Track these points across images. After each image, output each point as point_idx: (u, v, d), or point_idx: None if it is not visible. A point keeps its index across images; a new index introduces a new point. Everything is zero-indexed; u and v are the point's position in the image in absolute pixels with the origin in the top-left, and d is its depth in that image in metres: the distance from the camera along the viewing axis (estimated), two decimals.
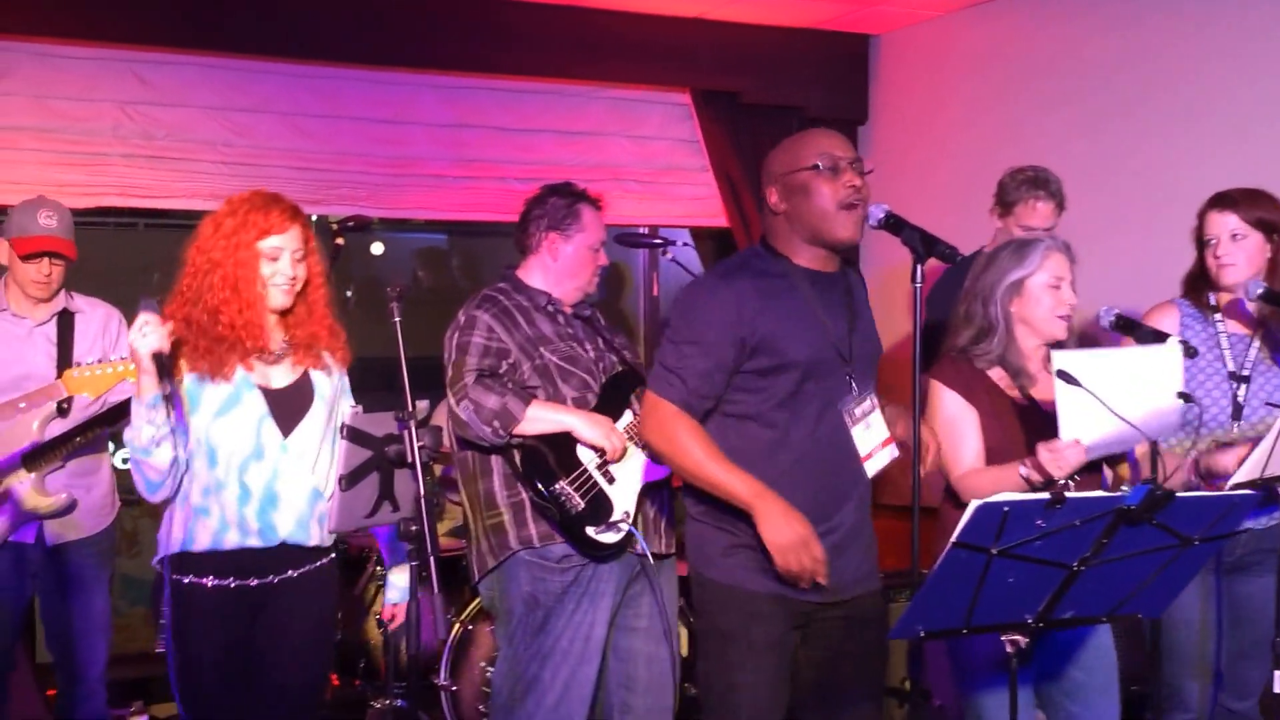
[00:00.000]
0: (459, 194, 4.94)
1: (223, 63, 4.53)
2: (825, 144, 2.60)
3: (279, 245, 2.71)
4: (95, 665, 3.58)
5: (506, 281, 3.32)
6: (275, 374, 2.77)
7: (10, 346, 3.42)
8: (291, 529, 2.75)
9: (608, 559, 3.16)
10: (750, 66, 5.22)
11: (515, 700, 3.17)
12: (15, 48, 4.22)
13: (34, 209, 3.44)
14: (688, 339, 2.59)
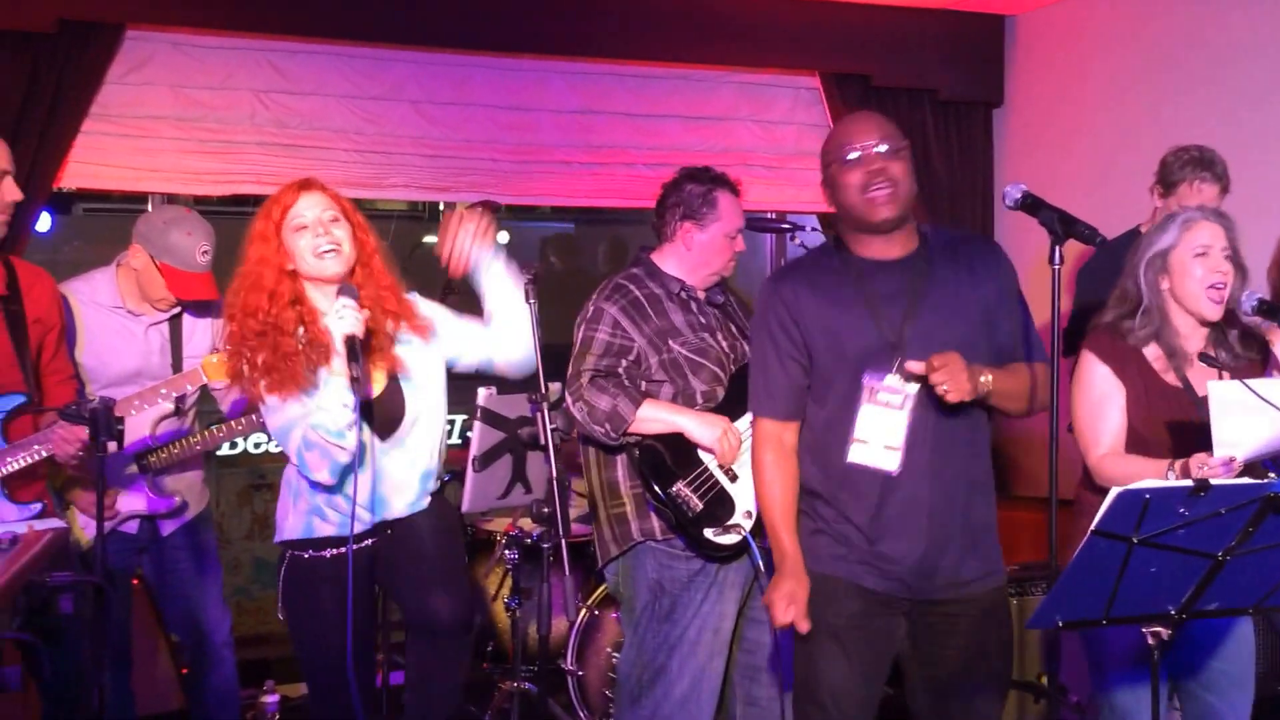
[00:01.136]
0: (586, 180, 5.04)
1: (355, 51, 4.68)
2: (849, 133, 2.66)
3: (301, 213, 2.79)
4: (220, 631, 3.77)
5: (640, 266, 3.37)
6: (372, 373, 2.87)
7: (126, 343, 3.55)
8: (402, 511, 2.89)
9: (727, 560, 3.22)
10: (881, 48, 5.22)
11: (642, 688, 3.25)
12: (154, 38, 4.41)
13: (193, 238, 3.45)
14: (762, 345, 2.72)
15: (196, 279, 3.50)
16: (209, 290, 3.52)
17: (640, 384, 3.22)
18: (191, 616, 3.75)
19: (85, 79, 4.23)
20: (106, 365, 3.51)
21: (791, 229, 3.72)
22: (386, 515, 2.89)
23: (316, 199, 2.80)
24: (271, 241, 2.77)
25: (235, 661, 3.84)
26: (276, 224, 2.78)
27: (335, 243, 2.79)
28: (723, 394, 3.26)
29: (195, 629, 3.76)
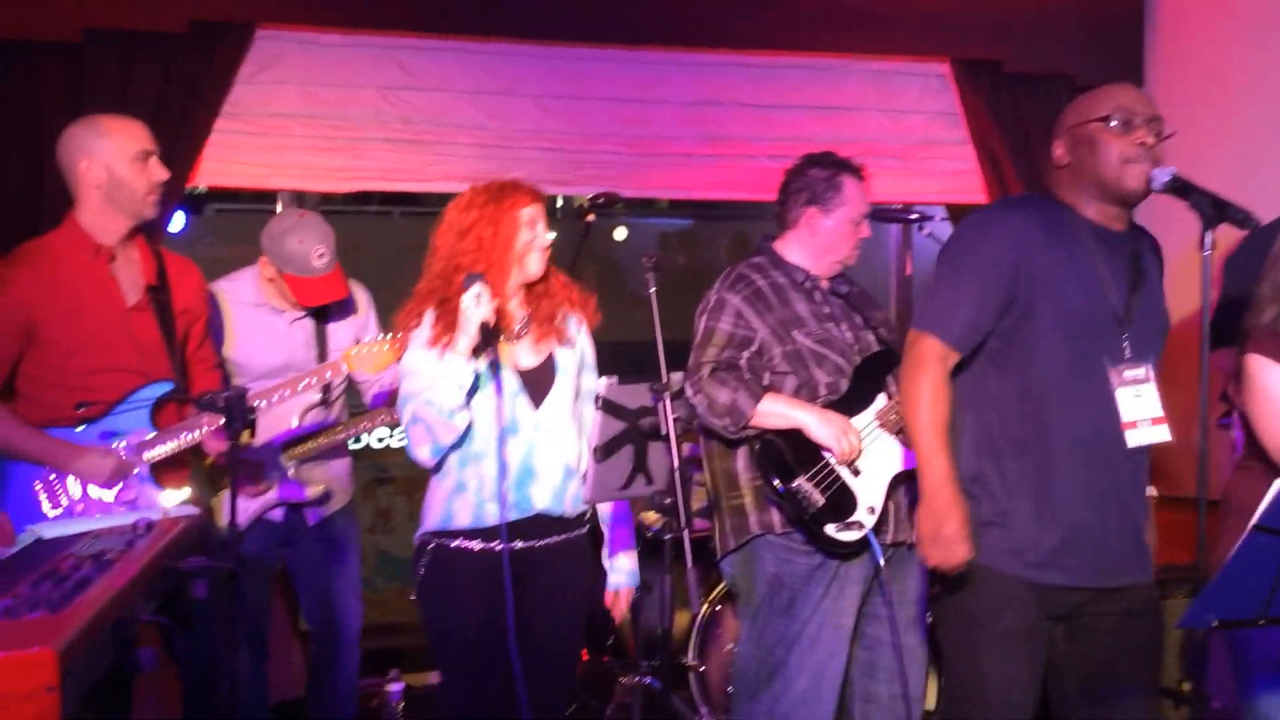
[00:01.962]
0: (707, 172, 5.04)
1: (477, 46, 4.74)
2: (1123, 98, 2.60)
3: (534, 215, 2.92)
4: (353, 626, 3.86)
5: (763, 255, 3.37)
6: (521, 353, 2.94)
7: (272, 338, 3.69)
8: (547, 501, 2.92)
9: (848, 557, 3.19)
10: (1013, 33, 5.11)
11: (760, 683, 3.24)
12: (283, 37, 4.53)
13: (306, 245, 3.56)
14: (960, 269, 2.62)
15: (316, 283, 3.60)
16: (332, 292, 3.63)
17: (762, 376, 3.21)
18: (326, 608, 3.85)
19: (217, 78, 4.37)
20: (254, 361, 3.66)
21: (920, 219, 3.66)
22: (529, 510, 2.92)
23: (541, 210, 2.96)
24: (506, 218, 2.90)
25: (360, 656, 3.93)
26: (513, 206, 2.91)
27: (546, 249, 2.95)
28: (847, 386, 3.24)
29: (329, 620, 3.86)
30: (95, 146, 3.19)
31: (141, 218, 3.26)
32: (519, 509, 2.91)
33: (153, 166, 3.23)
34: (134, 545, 2.44)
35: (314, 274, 3.59)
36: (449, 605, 2.93)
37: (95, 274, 3.21)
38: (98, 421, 3.17)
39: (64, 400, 3.15)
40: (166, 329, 3.30)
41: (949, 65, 5.13)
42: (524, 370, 2.94)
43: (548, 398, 2.94)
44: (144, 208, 3.24)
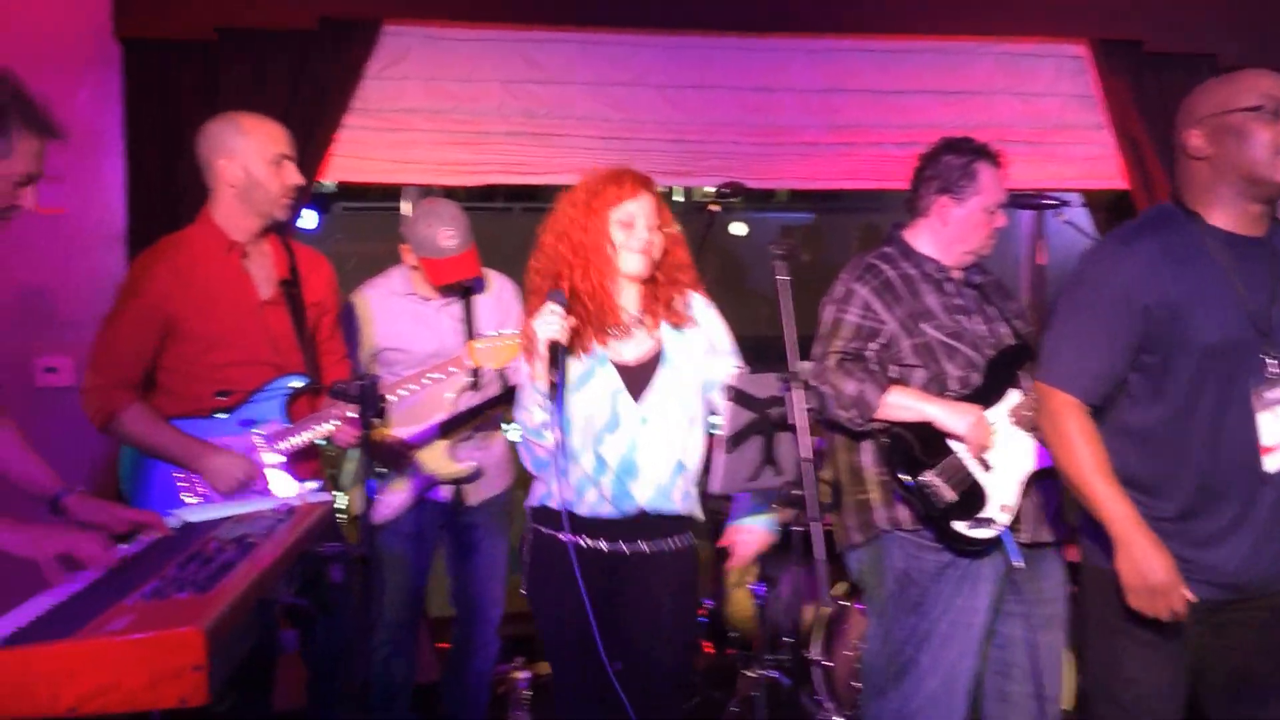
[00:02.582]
0: (832, 162, 4.99)
1: (600, 38, 4.77)
2: (1267, 84, 2.49)
3: (633, 211, 2.87)
4: (494, 615, 3.95)
5: (892, 245, 3.33)
6: (628, 348, 2.92)
7: (423, 326, 3.81)
8: (651, 497, 2.88)
9: (979, 555, 3.14)
10: (1155, 11, 4.96)
11: (889, 681, 3.21)
12: (410, 32, 4.61)
13: (434, 227, 3.70)
14: (1085, 316, 2.55)
15: (446, 264, 3.71)
16: (461, 272, 3.73)
17: (890, 369, 3.18)
18: (472, 594, 3.95)
19: (345, 75, 4.48)
20: (408, 349, 3.77)
21: (1057, 205, 3.59)
22: (631, 508, 2.90)
23: (648, 203, 2.90)
24: (598, 217, 2.88)
25: (499, 646, 3.99)
26: (608, 204, 2.88)
27: (649, 244, 2.90)
28: (979, 380, 3.18)
29: (472, 607, 3.95)
30: (234, 145, 3.28)
31: (273, 219, 3.36)
32: (618, 507, 2.88)
33: (288, 170, 3.32)
34: (274, 530, 2.52)
35: (443, 255, 3.70)
36: (550, 599, 2.94)
37: (229, 269, 3.31)
38: (237, 410, 3.28)
39: (203, 393, 3.27)
40: (298, 322, 3.39)
41: (1086, 46, 5.00)
42: (627, 365, 2.91)
43: (650, 391, 2.90)
44: (276, 209, 3.34)
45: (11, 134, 2.34)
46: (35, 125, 2.38)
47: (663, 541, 2.94)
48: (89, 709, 1.84)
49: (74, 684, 1.83)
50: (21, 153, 2.37)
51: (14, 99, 2.36)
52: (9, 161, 2.36)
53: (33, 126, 2.38)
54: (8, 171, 2.36)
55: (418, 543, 3.83)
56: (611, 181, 2.90)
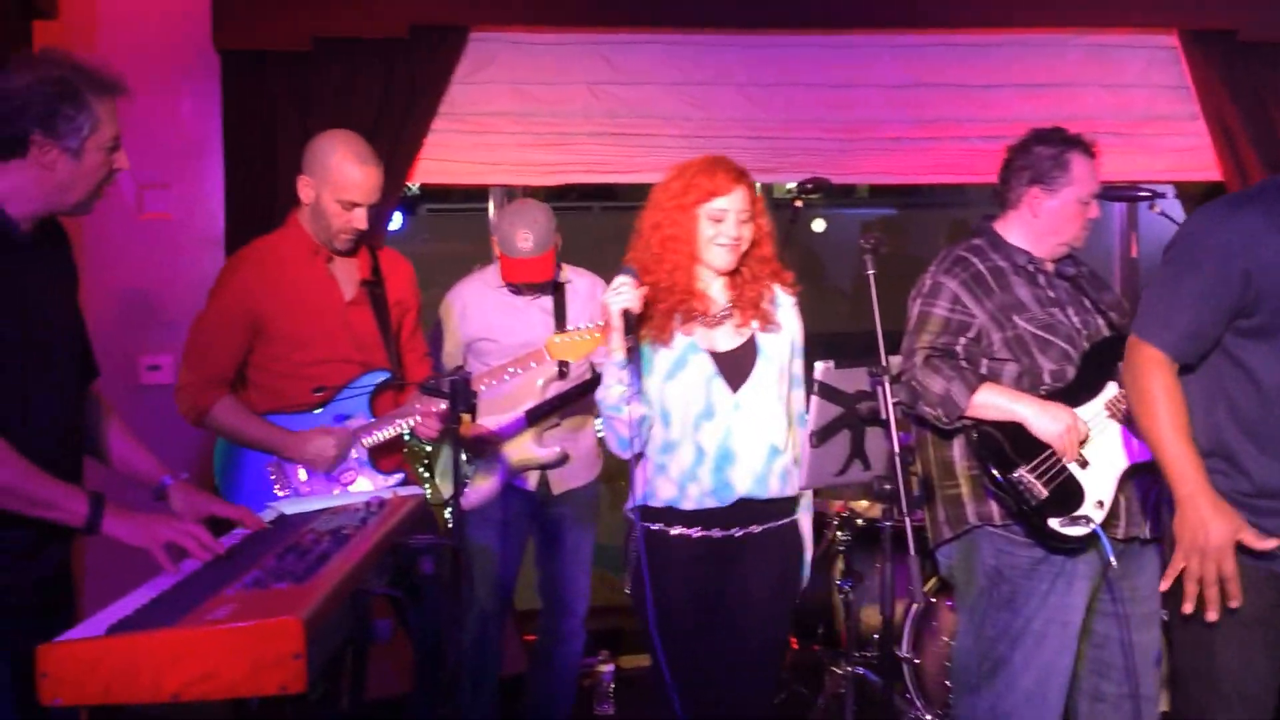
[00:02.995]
0: (916, 156, 4.93)
1: (682, 38, 4.76)
2: None
3: (724, 207, 2.86)
4: (580, 606, 3.95)
5: (983, 236, 3.26)
6: (720, 337, 2.92)
7: (512, 318, 3.84)
8: (749, 485, 2.88)
9: (1074, 552, 3.06)
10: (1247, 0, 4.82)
11: (981, 679, 3.14)
12: (496, 38, 4.65)
13: (514, 228, 3.74)
14: (1183, 274, 2.50)
15: (520, 264, 3.75)
16: (533, 273, 3.76)
17: (980, 364, 3.11)
18: (558, 587, 3.96)
19: (434, 80, 4.52)
20: (497, 340, 3.82)
21: (1151, 196, 3.48)
22: (730, 496, 2.89)
23: (741, 196, 2.90)
24: (689, 211, 2.88)
25: (585, 639, 4.00)
26: (699, 199, 2.88)
27: (737, 240, 2.90)
28: (1073, 374, 3.10)
29: (558, 599, 3.96)
30: (317, 172, 3.33)
31: (331, 247, 3.40)
32: (717, 496, 2.88)
33: (355, 215, 3.34)
34: (367, 522, 2.55)
35: (517, 255, 3.74)
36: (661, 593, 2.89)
37: (314, 272, 3.38)
38: (329, 405, 3.34)
39: (294, 389, 3.33)
40: (382, 320, 3.46)
41: (1177, 36, 4.88)
42: (721, 353, 2.91)
43: (748, 381, 2.90)
44: (334, 241, 3.39)
45: (91, 104, 2.37)
46: (104, 88, 2.40)
47: (768, 523, 2.95)
48: (191, 695, 1.87)
49: (177, 671, 1.86)
50: (104, 118, 2.39)
51: (75, 71, 2.38)
52: (99, 133, 2.39)
53: (103, 90, 2.40)
54: (100, 140, 2.39)
55: (505, 532, 3.85)
56: (704, 174, 2.90)
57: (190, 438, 3.83)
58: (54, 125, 2.34)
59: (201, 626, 1.89)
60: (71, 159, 2.37)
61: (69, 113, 2.34)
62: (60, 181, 2.38)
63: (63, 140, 2.35)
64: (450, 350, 3.90)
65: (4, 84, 2.34)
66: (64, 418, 2.49)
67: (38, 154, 2.35)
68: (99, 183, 2.44)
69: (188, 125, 4.51)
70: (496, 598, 3.87)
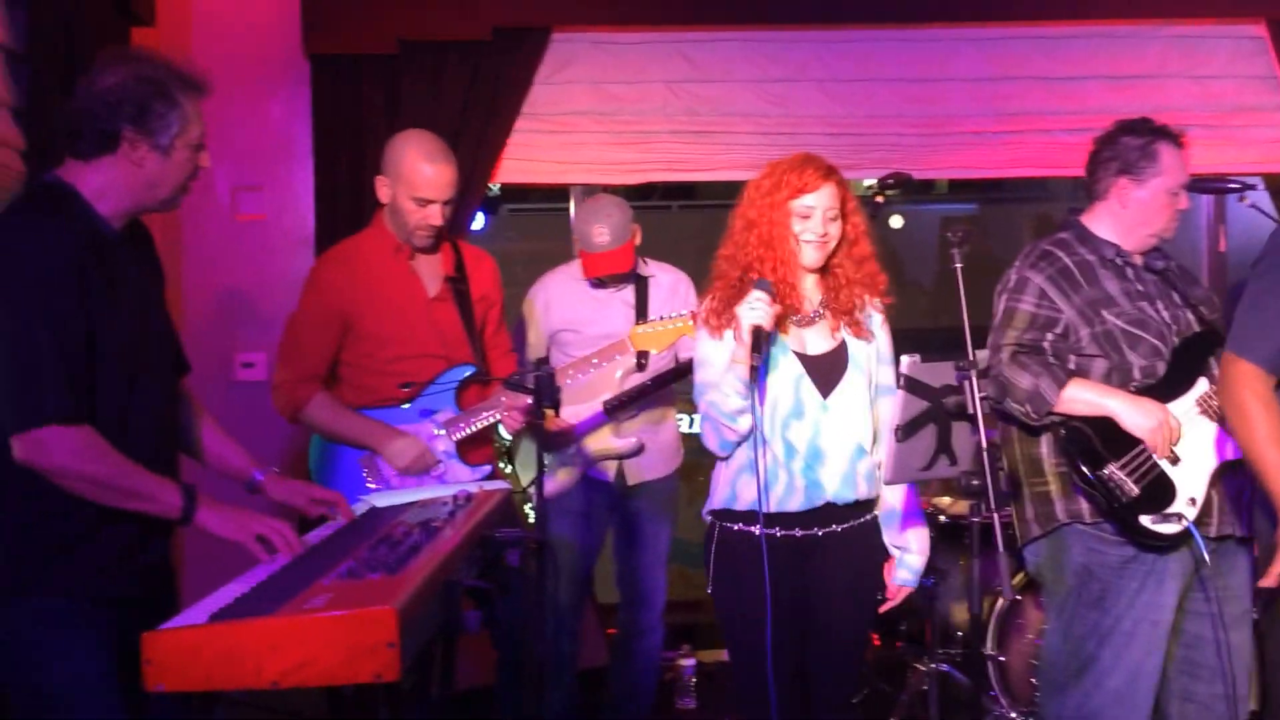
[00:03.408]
0: (999, 150, 4.86)
1: (760, 35, 4.75)
2: None
3: (811, 204, 2.82)
4: (658, 599, 3.95)
5: (1070, 230, 3.19)
6: (811, 338, 2.87)
7: (595, 310, 3.87)
8: (837, 487, 2.83)
9: (1165, 550, 2.99)
10: None
11: (1070, 678, 3.08)
12: (577, 38, 4.67)
13: (589, 224, 3.77)
14: (1274, 287, 2.43)
15: (598, 258, 3.78)
16: (607, 266, 3.78)
17: (1068, 360, 3.05)
18: (636, 580, 3.96)
19: (517, 81, 4.56)
20: (579, 331, 3.85)
21: (1240, 189, 3.38)
22: (819, 497, 2.85)
23: (829, 193, 2.85)
24: (780, 209, 2.84)
25: (664, 633, 3.99)
26: (789, 196, 2.84)
27: (825, 237, 2.85)
28: (1164, 370, 3.02)
29: (637, 593, 3.96)
30: (391, 171, 3.38)
31: (410, 244, 3.43)
32: (807, 495, 2.83)
33: (430, 212, 3.37)
34: (455, 515, 2.56)
35: (594, 250, 3.77)
36: (734, 590, 2.89)
37: (398, 269, 3.42)
38: (415, 400, 3.37)
39: (381, 385, 3.38)
40: (466, 316, 3.48)
41: (1265, 25, 4.75)
42: (812, 356, 2.87)
43: (838, 387, 2.85)
44: (412, 238, 3.42)
45: (180, 102, 2.39)
46: (192, 87, 2.42)
47: (851, 522, 2.91)
48: (289, 682, 1.89)
49: (276, 658, 1.88)
50: (192, 116, 2.42)
51: (165, 69, 2.40)
52: (187, 131, 2.41)
53: (191, 88, 2.42)
54: (189, 138, 2.42)
55: (585, 524, 3.87)
56: (794, 171, 2.86)
57: (283, 432, 3.90)
58: (146, 122, 2.36)
59: (299, 615, 1.91)
60: (161, 156, 2.39)
61: (160, 110, 2.36)
62: (149, 178, 2.41)
63: (154, 137, 2.37)
64: (533, 341, 3.93)
65: (98, 82, 2.37)
66: (160, 414, 2.53)
67: (128, 150, 2.37)
68: (185, 180, 2.47)
69: (279, 129, 4.59)
70: (575, 589, 3.89)
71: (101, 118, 2.35)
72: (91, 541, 2.36)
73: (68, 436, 2.26)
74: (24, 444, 2.25)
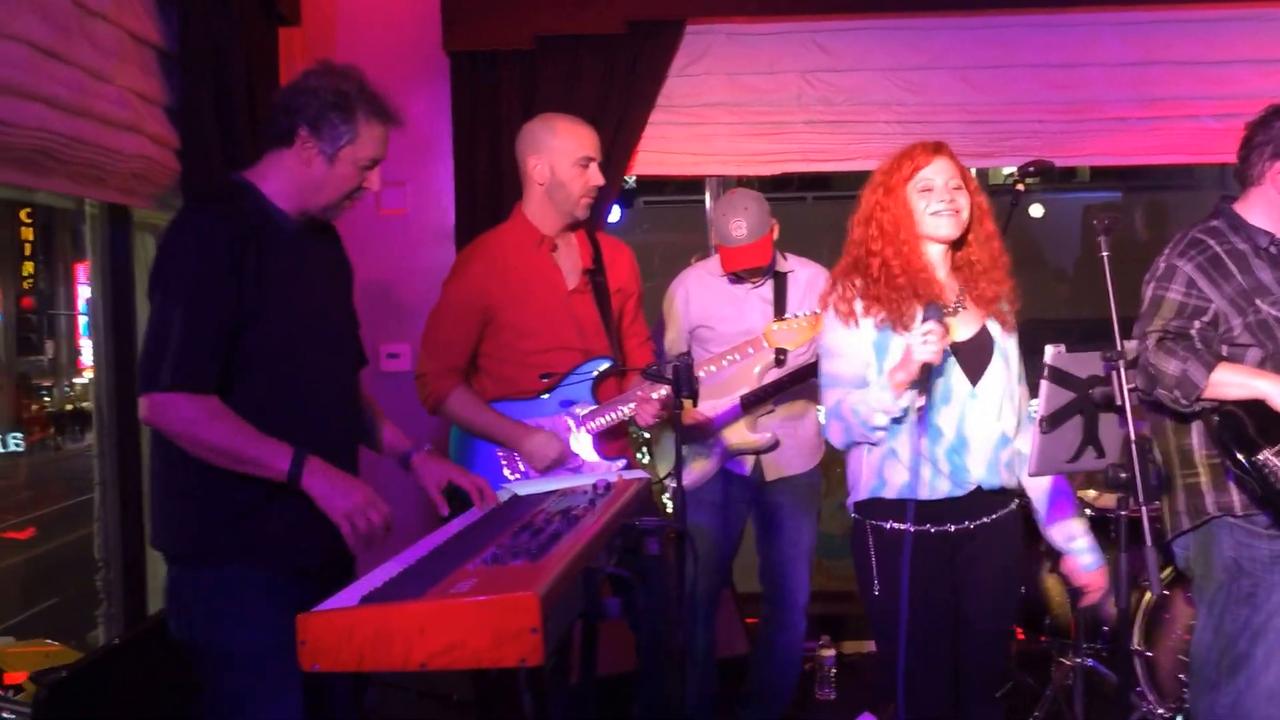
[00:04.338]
0: (1143, 137, 4.69)
1: (896, 23, 4.67)
2: None
3: (929, 176, 2.79)
4: (800, 594, 3.90)
5: (1221, 217, 3.06)
6: (955, 325, 2.81)
7: (732, 306, 3.83)
8: (982, 473, 2.79)
9: None
10: None
11: (1221, 675, 2.97)
12: (711, 30, 4.65)
13: (727, 217, 3.72)
14: None
15: (736, 252, 3.72)
16: (745, 260, 3.73)
17: (1218, 347, 2.91)
18: (777, 574, 3.92)
19: (651, 74, 4.55)
20: (716, 327, 3.82)
21: None
22: (966, 483, 2.80)
23: (945, 165, 2.83)
24: (897, 194, 2.82)
25: (806, 626, 3.95)
26: (904, 179, 2.82)
27: (955, 209, 2.81)
28: None
29: (778, 586, 3.92)
30: (545, 145, 3.38)
31: (573, 218, 3.44)
32: (954, 481, 2.79)
33: (591, 172, 3.39)
34: (595, 504, 2.56)
35: (731, 244, 3.72)
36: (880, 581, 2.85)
37: (539, 262, 3.42)
38: (554, 392, 3.38)
39: (521, 376, 3.39)
40: (603, 308, 3.48)
41: None
42: (959, 342, 2.81)
43: (985, 373, 2.81)
44: (576, 209, 3.42)
45: (358, 121, 2.52)
46: (377, 113, 2.56)
47: (998, 513, 2.87)
48: (437, 665, 1.90)
49: (424, 641, 1.89)
50: (367, 138, 2.54)
51: (359, 90, 2.54)
52: (355, 147, 2.53)
53: (375, 114, 2.55)
54: (355, 155, 2.54)
55: (722, 515, 3.84)
56: (904, 156, 2.86)
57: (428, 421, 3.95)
58: (319, 126, 2.51)
59: (446, 599, 1.92)
60: (326, 162, 2.53)
61: (335, 120, 2.51)
62: (314, 180, 2.54)
63: (323, 142, 2.51)
64: (673, 337, 3.90)
65: (300, 80, 2.55)
66: (337, 400, 2.63)
67: (300, 147, 2.52)
68: (347, 193, 2.59)
69: (420, 125, 4.65)
70: (713, 579, 3.86)
71: (286, 113, 2.52)
72: (274, 510, 2.46)
73: (182, 403, 2.37)
74: (144, 406, 2.40)
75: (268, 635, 2.40)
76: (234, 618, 2.45)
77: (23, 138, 2.76)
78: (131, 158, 3.23)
